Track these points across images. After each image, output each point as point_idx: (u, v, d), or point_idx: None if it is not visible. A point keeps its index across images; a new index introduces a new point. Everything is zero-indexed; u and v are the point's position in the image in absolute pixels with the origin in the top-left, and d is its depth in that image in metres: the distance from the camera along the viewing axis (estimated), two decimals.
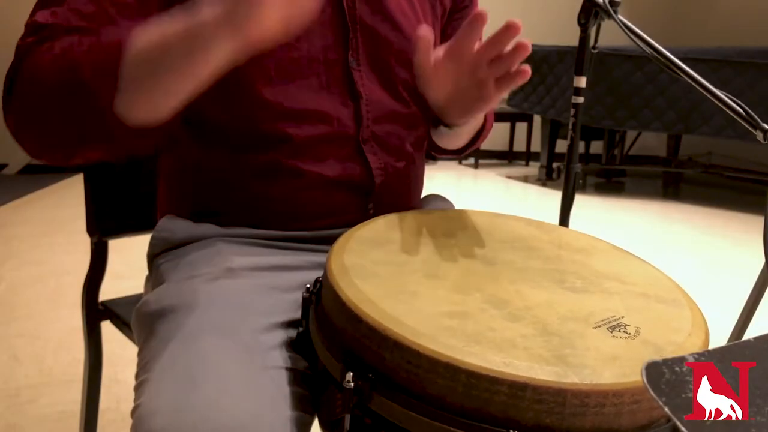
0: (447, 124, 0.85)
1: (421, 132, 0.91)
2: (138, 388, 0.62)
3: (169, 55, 0.61)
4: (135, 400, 0.60)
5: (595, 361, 0.49)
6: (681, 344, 0.53)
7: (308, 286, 0.66)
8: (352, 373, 0.52)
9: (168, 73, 0.62)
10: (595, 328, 0.54)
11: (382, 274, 0.60)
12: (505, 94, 0.76)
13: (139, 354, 0.69)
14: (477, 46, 0.71)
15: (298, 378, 0.65)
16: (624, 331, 0.54)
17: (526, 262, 0.67)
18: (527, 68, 0.72)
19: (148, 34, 0.61)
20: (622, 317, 0.56)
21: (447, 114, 0.83)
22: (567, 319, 0.55)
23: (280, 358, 0.65)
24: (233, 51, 0.59)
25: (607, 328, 0.54)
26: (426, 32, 0.71)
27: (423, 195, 0.98)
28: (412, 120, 0.88)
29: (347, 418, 0.53)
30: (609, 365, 0.48)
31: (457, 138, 0.91)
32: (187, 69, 0.61)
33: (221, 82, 0.71)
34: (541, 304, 0.57)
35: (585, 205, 3.90)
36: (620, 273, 0.67)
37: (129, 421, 0.61)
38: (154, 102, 0.64)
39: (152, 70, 0.62)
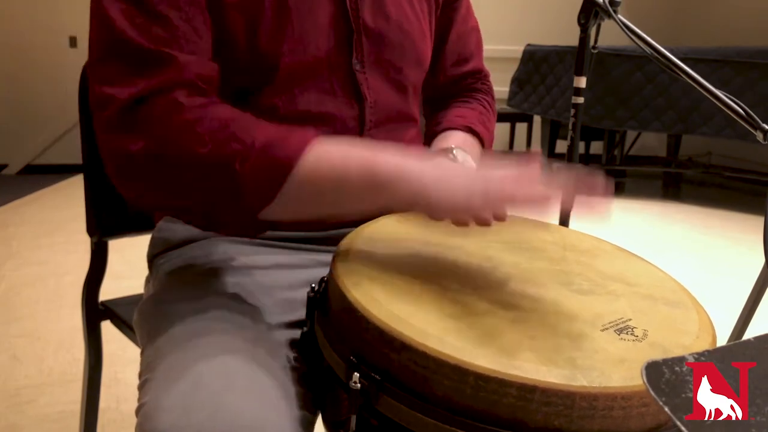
0: None
1: (417, 131, 0.91)
2: (142, 387, 0.62)
3: (341, 193, 0.61)
4: (139, 399, 0.60)
5: (604, 363, 0.48)
6: (689, 347, 0.52)
7: (313, 285, 0.65)
8: (358, 374, 0.51)
9: (332, 206, 0.63)
10: (602, 330, 0.54)
11: (389, 275, 0.59)
12: None
13: (142, 353, 0.69)
14: None
15: (302, 377, 0.65)
16: (631, 334, 0.53)
17: (531, 263, 0.67)
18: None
19: (323, 159, 0.60)
20: (630, 319, 0.56)
21: None
22: (575, 322, 0.54)
23: (285, 358, 0.65)
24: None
25: (615, 331, 0.54)
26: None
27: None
28: (412, 120, 0.88)
29: (353, 418, 0.53)
30: (617, 368, 0.48)
31: None
32: (356, 207, 0.63)
33: (233, 88, 0.71)
34: (549, 306, 0.57)
35: None
36: (626, 274, 0.66)
37: (129, 421, 0.61)
38: (302, 216, 0.65)
39: (316, 198, 0.62)
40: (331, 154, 0.61)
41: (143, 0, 0.63)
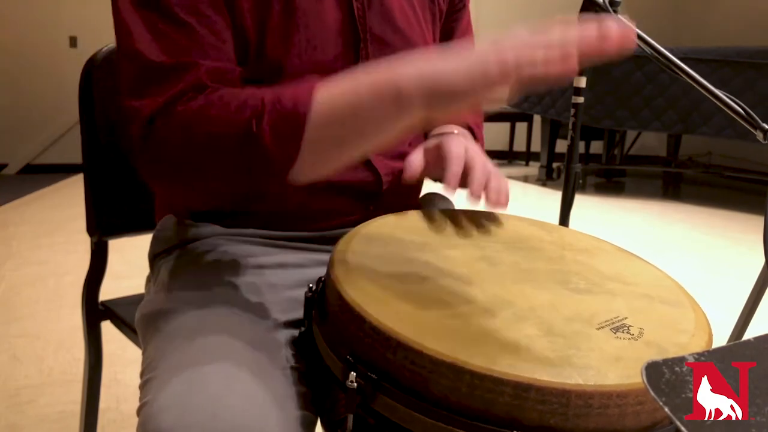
0: None
1: (420, 133, 0.91)
2: (143, 387, 0.62)
3: (360, 117, 0.58)
4: (141, 399, 0.60)
5: (599, 362, 0.48)
6: (685, 345, 0.53)
7: (311, 285, 0.66)
8: (355, 374, 0.52)
9: (357, 136, 0.60)
10: (598, 329, 0.54)
11: (386, 274, 0.60)
12: None
13: (144, 353, 0.69)
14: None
15: (302, 377, 0.65)
16: (628, 332, 0.53)
17: (529, 262, 0.67)
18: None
19: (333, 94, 0.59)
20: (626, 318, 0.56)
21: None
22: (571, 320, 0.55)
23: (285, 357, 0.65)
24: (429, 118, 0.57)
25: (611, 329, 0.54)
26: (416, 164, 0.72)
27: (424, 193, 0.98)
28: None
29: (350, 418, 0.53)
30: (613, 366, 0.48)
31: None
32: (380, 126, 0.59)
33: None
34: (545, 305, 0.57)
35: (585, 205, 3.90)
36: (623, 274, 0.66)
37: (129, 421, 0.61)
38: (332, 162, 0.63)
39: (338, 133, 0.60)
40: (340, 86, 0.60)
41: (163, 6, 0.64)
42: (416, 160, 0.72)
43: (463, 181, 0.71)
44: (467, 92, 0.54)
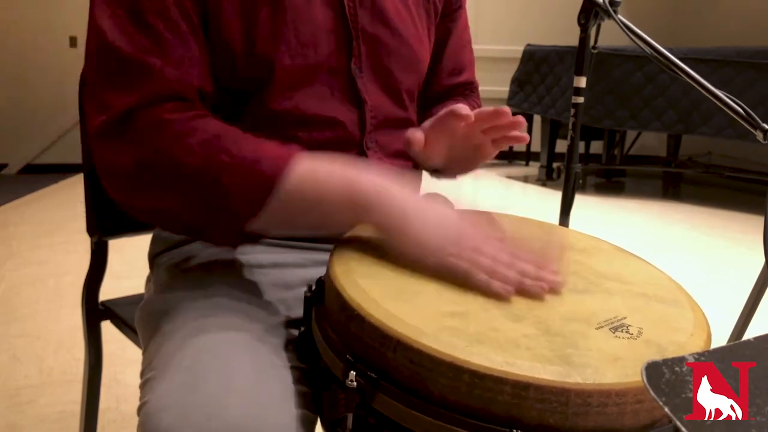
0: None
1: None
2: (144, 386, 0.62)
3: (323, 210, 0.63)
4: (141, 398, 0.60)
5: (598, 361, 0.49)
6: (683, 344, 0.53)
7: (310, 285, 0.66)
8: (354, 373, 0.52)
9: (315, 218, 0.65)
10: (597, 328, 0.54)
11: (385, 274, 0.60)
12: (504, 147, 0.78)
13: (144, 353, 0.69)
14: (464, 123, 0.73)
15: (302, 376, 0.65)
16: (626, 332, 0.54)
17: None
18: (525, 136, 0.75)
19: (307, 175, 0.63)
20: (625, 318, 0.56)
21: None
22: (569, 320, 0.55)
23: (285, 356, 0.66)
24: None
25: (610, 329, 0.54)
26: (419, 135, 0.76)
27: (423, 194, 0.99)
28: (410, 123, 0.88)
29: (350, 417, 0.53)
30: (612, 365, 0.48)
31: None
32: (336, 225, 0.65)
33: (232, 92, 0.72)
34: (544, 305, 0.57)
35: (585, 205, 3.90)
36: (622, 273, 0.67)
37: (129, 421, 0.61)
38: (281, 228, 0.67)
39: (300, 212, 0.64)
40: (316, 172, 0.64)
41: (133, 9, 0.65)
42: (417, 132, 0.75)
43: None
44: (417, 254, 0.61)
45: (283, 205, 0.62)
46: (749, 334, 0.79)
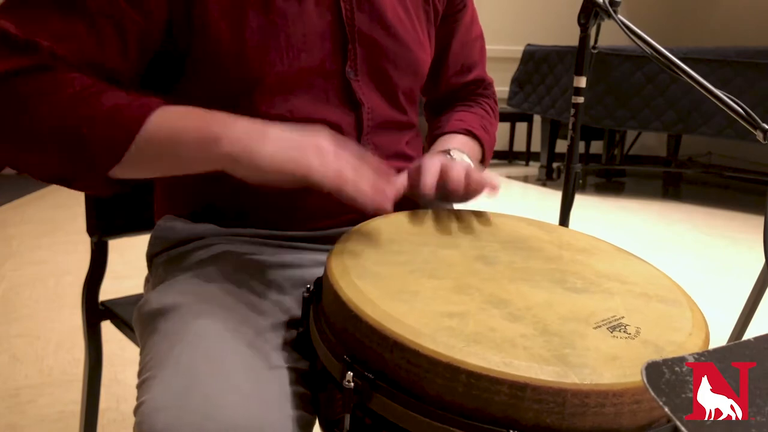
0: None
1: (416, 133, 0.91)
2: (141, 386, 0.62)
3: (177, 152, 0.65)
4: (138, 398, 0.60)
5: (596, 361, 0.49)
6: (681, 344, 0.53)
7: (309, 285, 0.66)
8: (352, 373, 0.52)
9: (171, 162, 0.67)
10: (595, 328, 0.54)
11: (383, 274, 0.60)
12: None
13: (141, 352, 0.69)
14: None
15: (300, 377, 0.65)
16: (624, 332, 0.54)
17: (526, 262, 0.67)
18: (495, 194, 0.76)
19: (163, 122, 0.64)
20: (623, 317, 0.56)
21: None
22: (567, 320, 0.55)
23: (282, 357, 0.65)
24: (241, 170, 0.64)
25: (608, 329, 0.54)
26: (401, 180, 0.75)
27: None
28: (408, 124, 0.88)
29: (347, 417, 0.53)
30: (609, 365, 0.48)
31: None
32: (191, 165, 0.66)
33: (223, 97, 0.72)
34: (542, 304, 0.57)
35: (585, 205, 3.90)
36: (621, 273, 0.67)
37: (129, 421, 0.61)
38: (146, 174, 0.69)
39: (157, 156, 0.66)
40: (172, 117, 0.65)
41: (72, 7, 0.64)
42: (399, 180, 0.75)
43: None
44: (273, 177, 0.62)
45: (142, 151, 0.64)
46: (749, 334, 0.79)
